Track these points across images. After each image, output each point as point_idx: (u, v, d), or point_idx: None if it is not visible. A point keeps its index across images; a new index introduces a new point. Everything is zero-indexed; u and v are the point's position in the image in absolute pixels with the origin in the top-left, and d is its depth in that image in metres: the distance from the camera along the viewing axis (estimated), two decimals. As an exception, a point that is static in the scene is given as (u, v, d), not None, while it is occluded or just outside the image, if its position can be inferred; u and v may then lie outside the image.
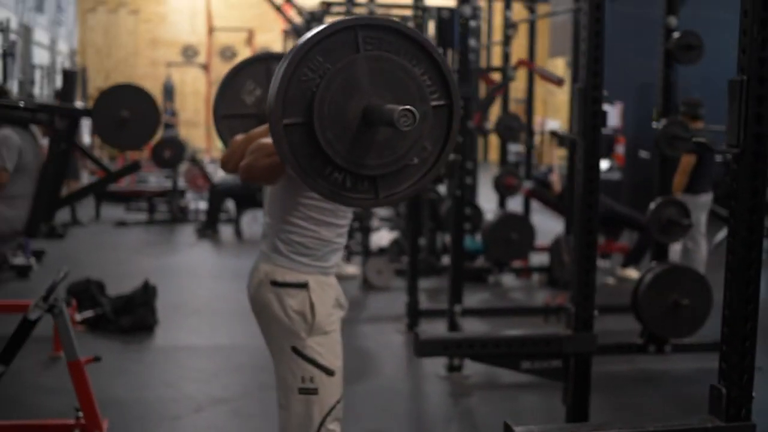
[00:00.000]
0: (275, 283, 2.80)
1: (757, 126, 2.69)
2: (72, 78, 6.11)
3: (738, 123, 2.71)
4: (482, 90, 8.82)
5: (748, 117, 2.69)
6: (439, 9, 5.55)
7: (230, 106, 3.22)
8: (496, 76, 8.64)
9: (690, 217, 5.21)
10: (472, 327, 6.31)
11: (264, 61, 3.24)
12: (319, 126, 2.01)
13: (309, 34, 2.03)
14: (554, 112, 19.29)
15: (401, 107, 1.90)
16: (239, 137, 2.93)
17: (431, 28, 6.72)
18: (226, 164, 2.98)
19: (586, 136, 3.83)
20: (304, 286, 2.79)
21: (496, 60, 9.49)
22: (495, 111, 10.08)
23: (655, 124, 5.22)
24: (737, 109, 2.72)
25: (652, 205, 5.20)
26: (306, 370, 2.78)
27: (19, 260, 8.06)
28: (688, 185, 7.21)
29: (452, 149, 2.18)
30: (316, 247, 2.80)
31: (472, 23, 7.92)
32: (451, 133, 2.14)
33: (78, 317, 6.27)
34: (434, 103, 2.10)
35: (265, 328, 2.89)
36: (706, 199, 7.27)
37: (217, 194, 10.88)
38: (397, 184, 2.14)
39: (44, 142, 5.85)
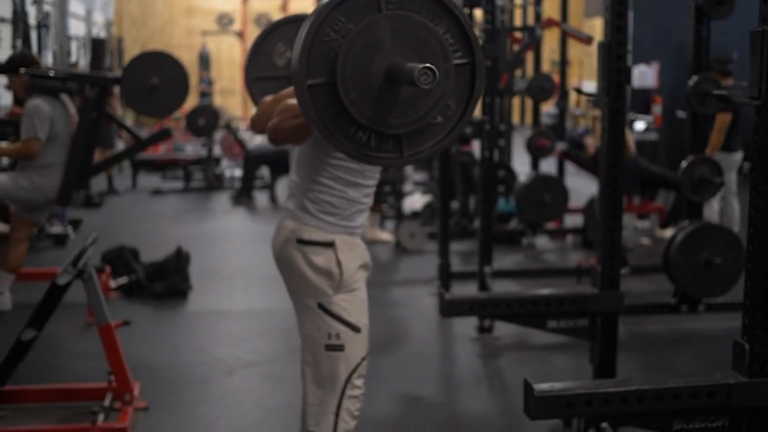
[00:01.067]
0: (301, 241, 2.79)
1: (779, 77, 2.64)
2: (101, 47, 6.16)
3: (760, 75, 2.67)
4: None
5: (771, 68, 2.64)
6: (465, -32, 5.49)
7: (261, 68, 3.24)
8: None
9: (723, 175, 5.14)
10: (505, 288, 6.30)
11: (294, 23, 3.24)
12: (343, 86, 2.02)
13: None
14: (591, 74, 19.08)
15: (421, 65, 1.90)
16: (268, 98, 2.94)
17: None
18: (255, 125, 2.99)
19: (610, 92, 3.78)
20: (330, 245, 2.78)
21: (532, 20, 9.39)
22: (530, 72, 9.98)
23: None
24: (759, 60, 2.67)
25: (684, 164, 5.14)
26: (332, 327, 2.78)
27: (56, 229, 8.15)
28: (723, 143, 7.13)
29: (475, 107, 2.18)
30: (343, 206, 2.79)
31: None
32: (474, 92, 2.15)
33: (112, 284, 6.35)
34: (457, 61, 2.11)
35: (291, 286, 2.89)
36: (739, 157, 7.19)
37: (251, 161, 10.91)
38: (422, 143, 2.15)
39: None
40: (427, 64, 1.90)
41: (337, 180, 2.76)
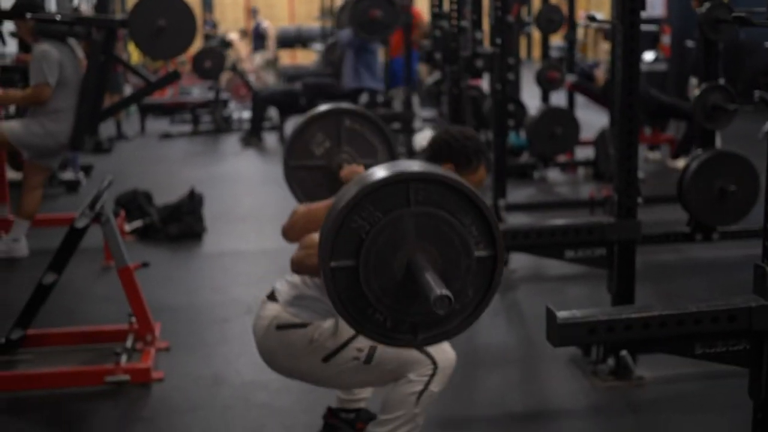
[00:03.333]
0: (280, 327, 2.80)
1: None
2: (106, -11, 6.10)
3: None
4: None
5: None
6: None
7: (299, 156, 3.34)
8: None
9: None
10: (518, 221, 6.31)
11: (336, 114, 3.35)
12: (365, 274, 2.03)
13: (363, 182, 2.03)
14: (598, 5, 18.91)
15: (439, 292, 1.87)
16: (301, 209, 2.94)
17: None
18: (285, 235, 2.98)
19: (625, 19, 3.74)
20: (307, 324, 2.80)
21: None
22: (537, 4, 9.89)
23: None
24: (778, -19, 2.64)
25: (697, 91, 5.11)
26: (350, 352, 2.78)
27: (68, 175, 8.17)
28: None
29: (493, 297, 2.15)
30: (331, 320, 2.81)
31: None
32: (493, 283, 2.12)
33: (127, 227, 6.38)
34: (479, 254, 2.08)
35: (288, 370, 2.89)
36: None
37: (259, 102, 10.88)
38: (437, 328, 2.13)
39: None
40: (445, 293, 1.87)
41: None
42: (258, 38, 16.55)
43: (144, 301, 4.19)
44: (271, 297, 2.91)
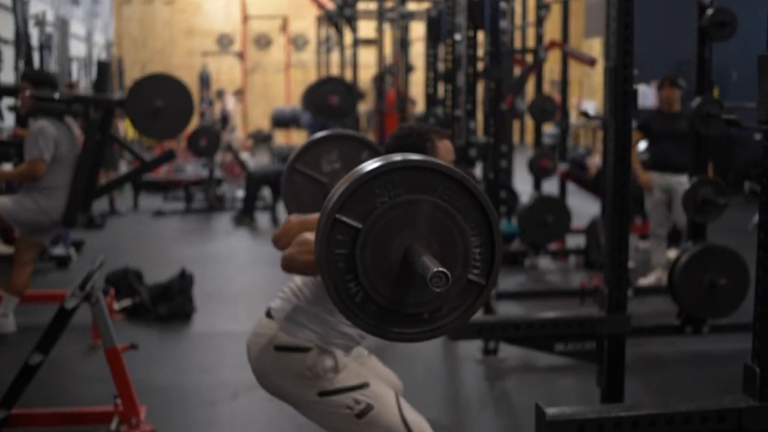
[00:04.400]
0: (279, 348, 2.77)
1: (788, 102, 2.66)
2: (106, 69, 6.18)
3: (768, 99, 2.68)
4: (517, 72, 8.80)
5: (779, 92, 2.66)
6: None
7: (306, 164, 3.27)
8: (529, 58, 8.60)
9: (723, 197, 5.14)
10: (509, 310, 6.30)
11: (358, 142, 3.31)
12: (363, 239, 2.00)
13: (399, 157, 2.02)
14: (590, 94, 19.15)
15: (437, 268, 1.85)
16: (295, 219, 2.90)
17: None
18: (276, 242, 2.93)
19: (617, 115, 3.80)
20: (308, 350, 2.76)
21: (532, 42, 9.44)
22: (531, 93, 10.02)
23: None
24: (766, 84, 2.69)
25: (688, 185, 5.16)
26: (346, 400, 2.74)
27: (58, 251, 8.15)
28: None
29: (465, 323, 2.12)
30: (332, 337, 2.78)
31: (504, 4, 7.92)
32: (470, 310, 2.09)
33: (116, 306, 6.35)
34: (472, 277, 2.06)
35: (280, 392, 2.85)
36: (670, 180, 7.26)
37: (253, 182, 10.92)
38: (398, 325, 2.07)
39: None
40: (443, 269, 1.85)
41: (334, 313, 2.73)
42: (223, 120, 16.70)
43: (131, 383, 4.15)
44: (268, 314, 2.87)
